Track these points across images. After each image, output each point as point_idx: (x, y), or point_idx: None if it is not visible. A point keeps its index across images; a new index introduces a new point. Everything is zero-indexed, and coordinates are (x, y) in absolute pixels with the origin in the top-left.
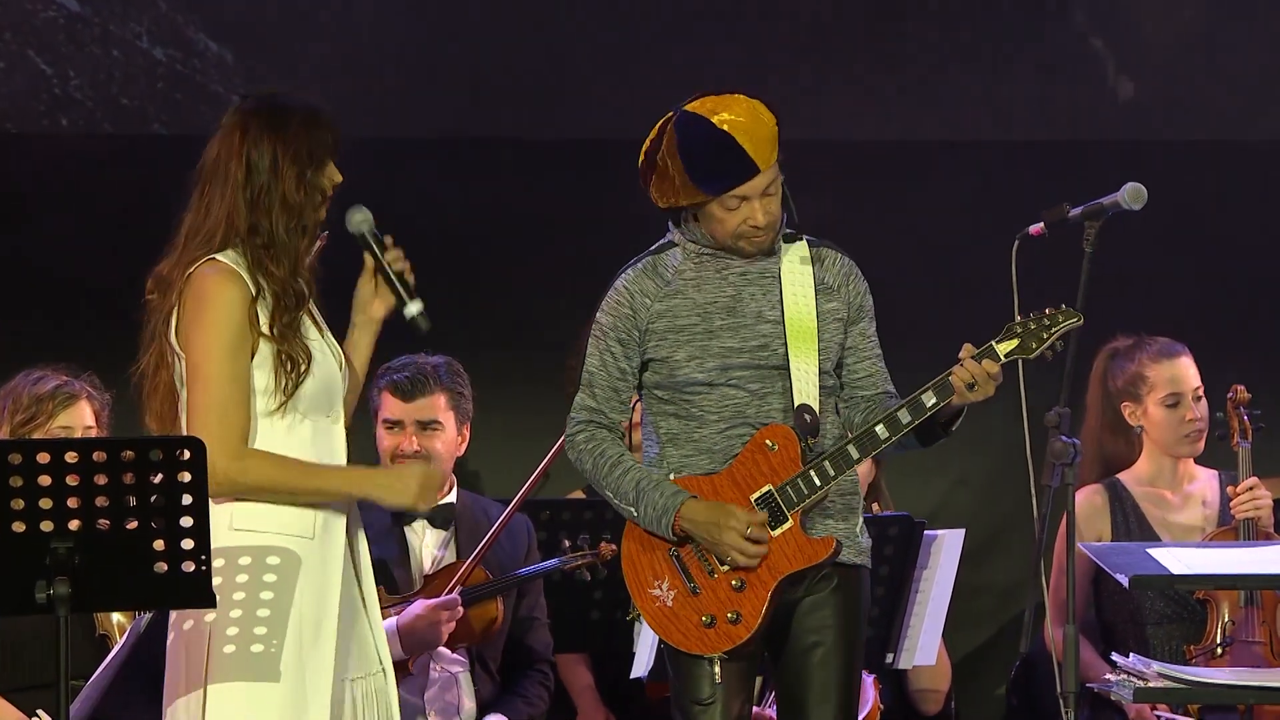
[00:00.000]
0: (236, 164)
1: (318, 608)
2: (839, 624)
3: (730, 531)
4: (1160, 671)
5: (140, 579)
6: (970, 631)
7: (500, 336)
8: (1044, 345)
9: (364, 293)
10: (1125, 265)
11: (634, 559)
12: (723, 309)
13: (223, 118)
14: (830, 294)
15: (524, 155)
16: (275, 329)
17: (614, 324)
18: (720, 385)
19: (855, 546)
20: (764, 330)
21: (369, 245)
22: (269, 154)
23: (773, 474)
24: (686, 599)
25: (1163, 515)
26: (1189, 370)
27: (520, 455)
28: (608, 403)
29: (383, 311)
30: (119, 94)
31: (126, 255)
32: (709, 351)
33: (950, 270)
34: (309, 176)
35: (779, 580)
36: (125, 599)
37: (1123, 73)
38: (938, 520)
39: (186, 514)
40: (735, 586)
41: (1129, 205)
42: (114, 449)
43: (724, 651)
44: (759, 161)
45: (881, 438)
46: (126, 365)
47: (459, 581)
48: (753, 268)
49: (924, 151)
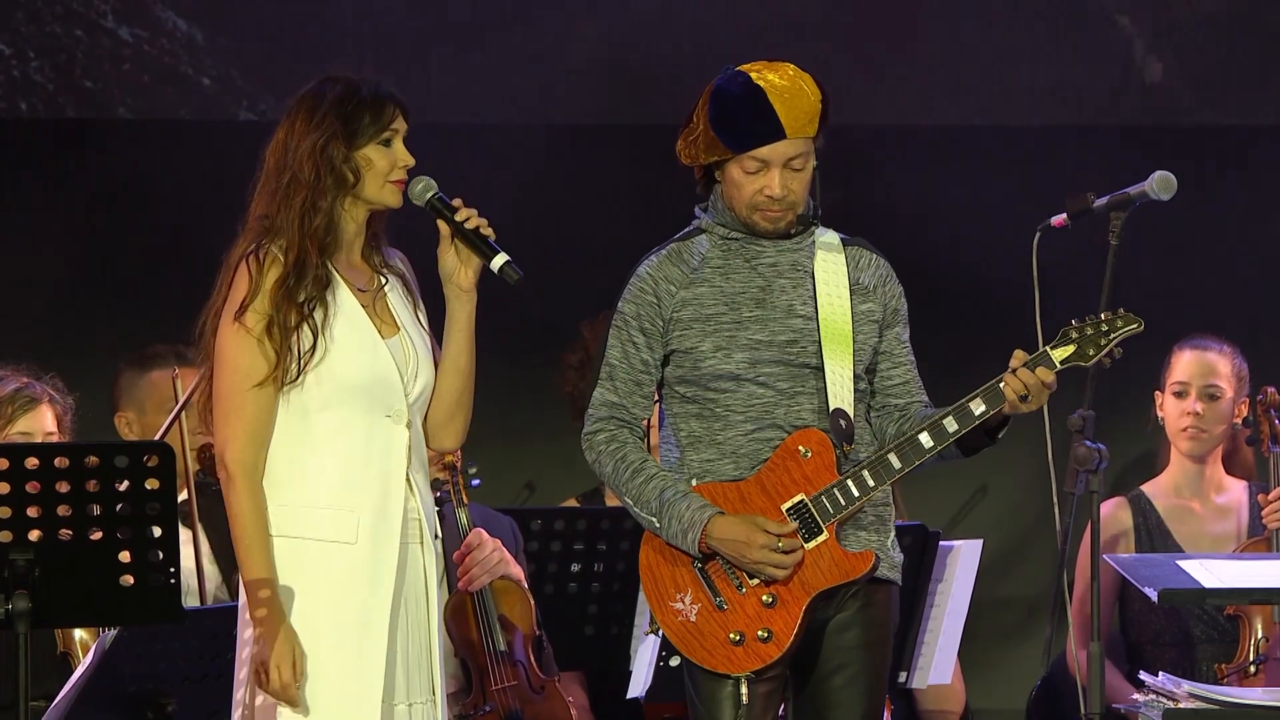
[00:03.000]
0: (275, 156)
1: (364, 614)
2: (866, 646)
3: (760, 547)
4: (1191, 691)
5: (105, 593)
6: (987, 649)
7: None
8: (1102, 352)
9: (448, 263)
10: (1153, 259)
11: (654, 570)
12: (752, 300)
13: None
14: (866, 295)
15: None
16: (286, 310)
17: (637, 312)
18: (748, 381)
19: (888, 561)
20: (795, 325)
21: (439, 212)
22: (300, 139)
23: (806, 482)
24: (711, 614)
25: (1190, 530)
26: (1208, 364)
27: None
28: (629, 397)
29: (473, 277)
30: (82, 76)
31: (91, 246)
32: (736, 343)
33: (966, 263)
34: (321, 153)
35: (813, 596)
36: (89, 614)
37: (1151, 53)
38: (954, 530)
39: (154, 524)
40: (766, 602)
41: (1157, 195)
42: (77, 455)
43: (751, 671)
44: (787, 127)
45: (926, 447)
46: (88, 364)
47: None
48: (784, 259)
49: (933, 137)
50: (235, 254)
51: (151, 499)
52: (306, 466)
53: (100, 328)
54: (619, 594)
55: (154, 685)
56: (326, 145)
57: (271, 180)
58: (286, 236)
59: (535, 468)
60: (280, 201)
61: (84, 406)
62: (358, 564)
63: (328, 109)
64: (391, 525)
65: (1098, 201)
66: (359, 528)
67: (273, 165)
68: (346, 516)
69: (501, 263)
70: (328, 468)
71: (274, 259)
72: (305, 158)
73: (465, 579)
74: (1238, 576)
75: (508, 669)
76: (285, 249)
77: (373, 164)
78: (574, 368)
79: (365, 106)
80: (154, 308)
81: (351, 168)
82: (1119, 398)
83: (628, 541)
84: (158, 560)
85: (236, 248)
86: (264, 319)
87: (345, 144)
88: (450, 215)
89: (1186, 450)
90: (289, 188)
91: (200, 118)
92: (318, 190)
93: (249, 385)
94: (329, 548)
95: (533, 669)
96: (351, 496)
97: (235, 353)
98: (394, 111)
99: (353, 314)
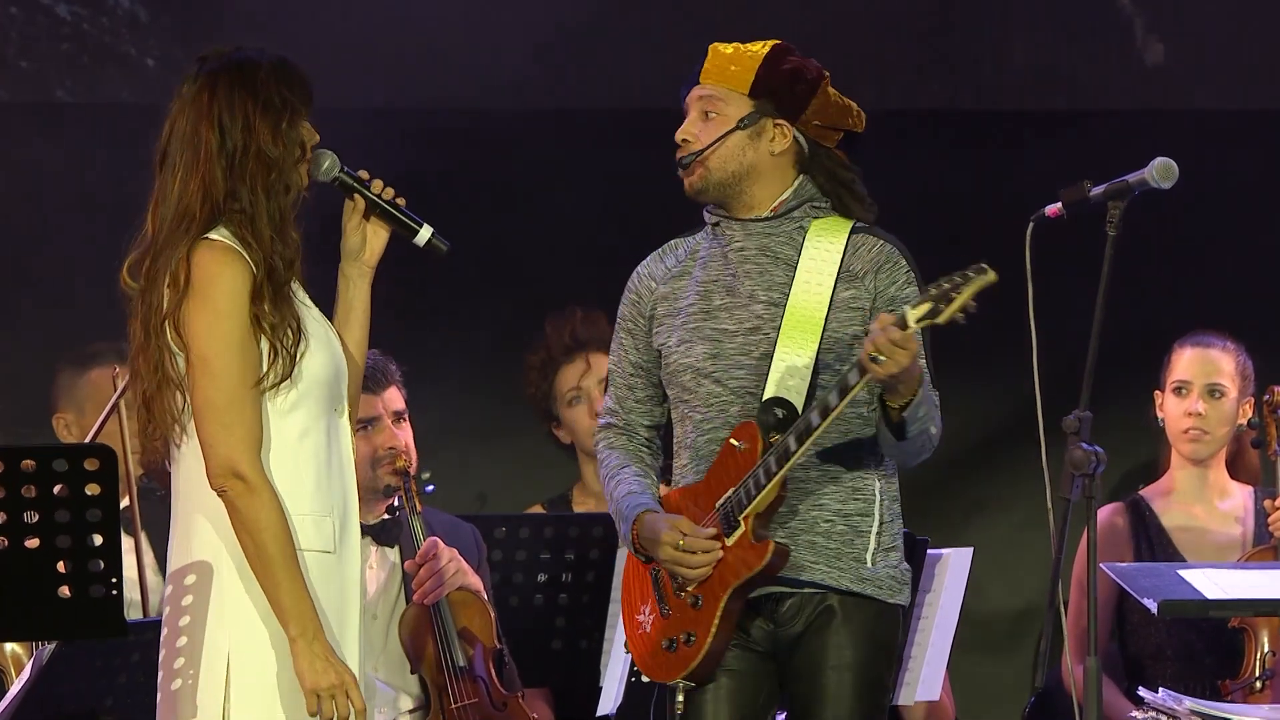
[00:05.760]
0: (208, 128)
1: (339, 627)
2: (824, 668)
3: (666, 545)
4: (1194, 709)
5: (42, 605)
6: (978, 663)
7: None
8: (953, 308)
9: (353, 241)
10: (1152, 249)
11: (629, 582)
12: (723, 288)
13: (181, 85)
14: (852, 281)
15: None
16: (265, 302)
17: (623, 314)
18: (705, 378)
19: (852, 572)
20: (757, 312)
21: (353, 186)
22: (241, 112)
23: (737, 477)
24: (660, 623)
25: (1192, 537)
26: (1211, 361)
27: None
28: (623, 401)
29: (379, 254)
30: (17, 56)
31: (24, 237)
32: (699, 334)
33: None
34: (284, 129)
35: (728, 593)
36: (24, 628)
37: (1152, 33)
38: (942, 537)
39: (95, 531)
40: (692, 604)
41: (1158, 183)
42: (12, 458)
43: (682, 676)
44: (703, 73)
45: (814, 425)
46: (21, 363)
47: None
48: (751, 244)
49: (920, 121)
50: (196, 244)
51: (92, 505)
52: (286, 471)
53: (32, 325)
54: (588, 606)
55: (94, 704)
56: (292, 119)
57: (214, 159)
58: (261, 221)
59: (491, 474)
60: (247, 182)
61: (19, 407)
62: (332, 572)
63: (273, 80)
64: (354, 528)
65: (1095, 190)
66: (335, 534)
67: (214, 141)
68: (323, 522)
69: (429, 235)
70: (303, 472)
71: (249, 246)
72: (269, 133)
73: (420, 591)
74: (1243, 587)
75: (468, 685)
76: (259, 234)
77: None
78: (536, 368)
79: (301, 79)
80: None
81: (298, 142)
82: (1117, 398)
83: (597, 550)
84: (99, 570)
85: (187, 235)
86: (251, 315)
87: (292, 118)
88: (364, 189)
89: (1188, 453)
90: (254, 166)
91: (144, 100)
92: (286, 168)
93: (248, 387)
94: (316, 557)
95: (494, 685)
96: (324, 500)
97: (226, 354)
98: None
99: (306, 302)
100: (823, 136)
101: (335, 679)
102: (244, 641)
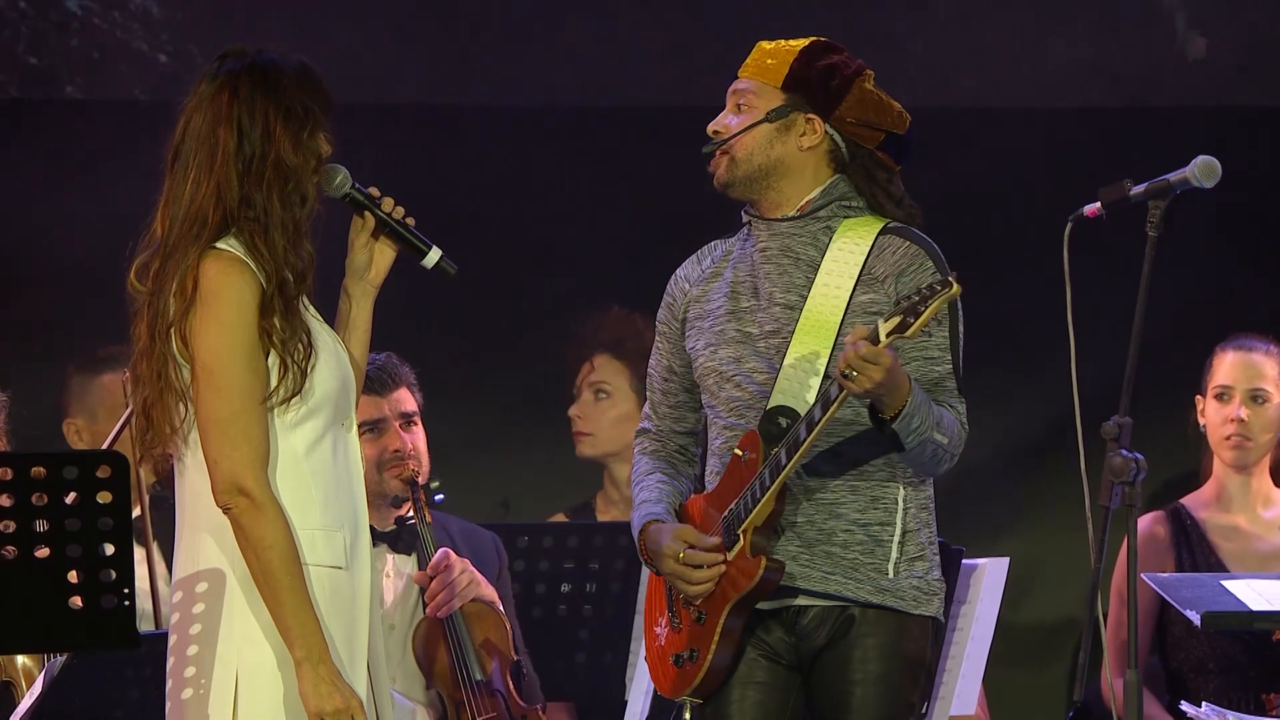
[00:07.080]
0: (226, 130)
1: (350, 644)
2: (846, 682)
3: (668, 558)
4: None
5: (52, 616)
6: (1015, 676)
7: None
8: (920, 321)
9: (360, 259)
10: (1194, 250)
11: (650, 594)
12: (749, 289)
13: (198, 83)
14: (873, 285)
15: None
16: (275, 316)
17: (660, 317)
18: (727, 382)
19: (872, 584)
20: (776, 315)
21: (363, 204)
22: (262, 117)
23: (741, 488)
24: (671, 637)
25: (1235, 546)
26: (1253, 365)
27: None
28: (657, 407)
29: (384, 274)
30: (27, 53)
31: (35, 236)
32: (725, 337)
33: (992, 257)
34: (304, 138)
35: (728, 608)
36: (34, 639)
37: (1194, 28)
38: (978, 547)
39: (107, 540)
40: (696, 619)
41: (1200, 182)
42: (22, 465)
43: (687, 694)
44: (742, 67)
45: (802, 438)
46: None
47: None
48: (774, 244)
49: (954, 119)
50: (206, 254)
51: (104, 513)
52: (294, 486)
53: (45, 328)
54: (613, 617)
55: (104, 718)
56: (313, 129)
57: (230, 163)
58: (275, 230)
59: (512, 483)
60: (263, 190)
61: (30, 412)
62: (343, 588)
63: (296, 88)
64: (365, 544)
65: (1135, 189)
66: (345, 548)
67: (231, 144)
68: (334, 537)
69: (437, 258)
70: (312, 486)
71: (261, 256)
72: (289, 142)
73: (433, 604)
74: None
75: (485, 699)
76: (273, 244)
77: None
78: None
79: (323, 88)
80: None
81: (316, 153)
82: (1158, 403)
83: (622, 560)
84: (110, 580)
85: (197, 242)
86: (260, 329)
87: (313, 129)
88: (375, 206)
89: (1230, 459)
90: (271, 174)
91: (156, 98)
92: (304, 178)
93: (254, 402)
94: (327, 573)
95: (513, 698)
96: (334, 515)
97: (233, 368)
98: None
99: (315, 315)
100: (861, 135)
101: (341, 703)
102: (252, 662)
